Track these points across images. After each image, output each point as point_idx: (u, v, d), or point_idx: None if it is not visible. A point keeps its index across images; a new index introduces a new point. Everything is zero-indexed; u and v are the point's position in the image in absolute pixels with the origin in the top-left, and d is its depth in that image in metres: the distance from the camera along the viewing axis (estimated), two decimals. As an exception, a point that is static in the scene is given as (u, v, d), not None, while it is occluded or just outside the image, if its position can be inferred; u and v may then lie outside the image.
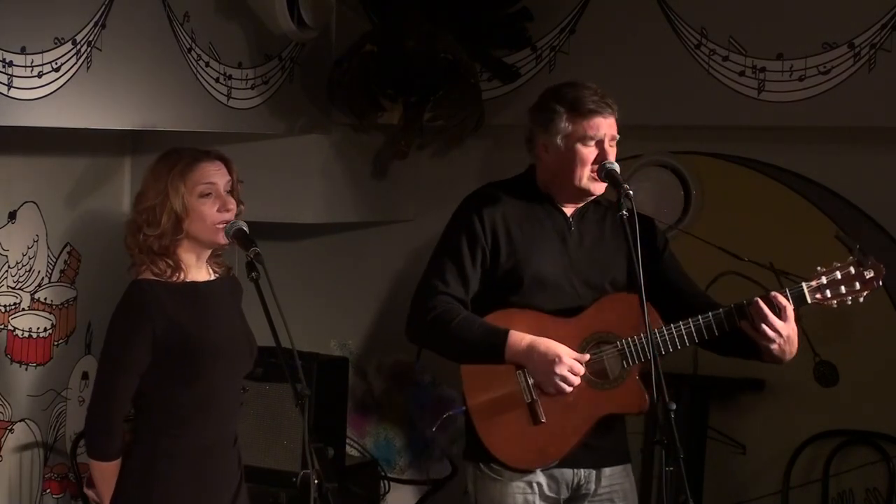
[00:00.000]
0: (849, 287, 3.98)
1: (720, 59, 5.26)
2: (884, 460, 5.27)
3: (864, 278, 3.97)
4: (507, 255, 4.03)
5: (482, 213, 4.04)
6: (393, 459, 5.67)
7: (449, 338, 3.98)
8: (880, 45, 5.03)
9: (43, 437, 5.22)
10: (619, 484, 4.10)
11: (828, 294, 3.98)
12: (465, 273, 4.02)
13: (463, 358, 4.03)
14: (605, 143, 3.99)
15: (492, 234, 4.03)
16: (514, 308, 4.01)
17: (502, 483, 4.04)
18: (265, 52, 5.20)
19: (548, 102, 4.04)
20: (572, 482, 4.07)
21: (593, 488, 4.09)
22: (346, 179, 5.64)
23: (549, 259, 4.03)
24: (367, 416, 5.74)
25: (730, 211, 5.47)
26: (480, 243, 4.02)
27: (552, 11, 5.50)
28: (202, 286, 3.91)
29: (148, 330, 3.78)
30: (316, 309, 5.92)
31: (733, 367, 5.41)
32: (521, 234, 4.04)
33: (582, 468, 4.06)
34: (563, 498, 4.09)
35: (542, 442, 4.01)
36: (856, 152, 5.29)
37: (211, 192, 3.81)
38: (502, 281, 4.04)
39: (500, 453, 4.02)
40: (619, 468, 4.12)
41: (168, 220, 3.80)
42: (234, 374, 3.94)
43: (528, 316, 4.00)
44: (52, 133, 4.78)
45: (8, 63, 4.22)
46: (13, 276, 5.08)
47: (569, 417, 3.99)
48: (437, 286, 4.00)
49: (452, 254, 4.03)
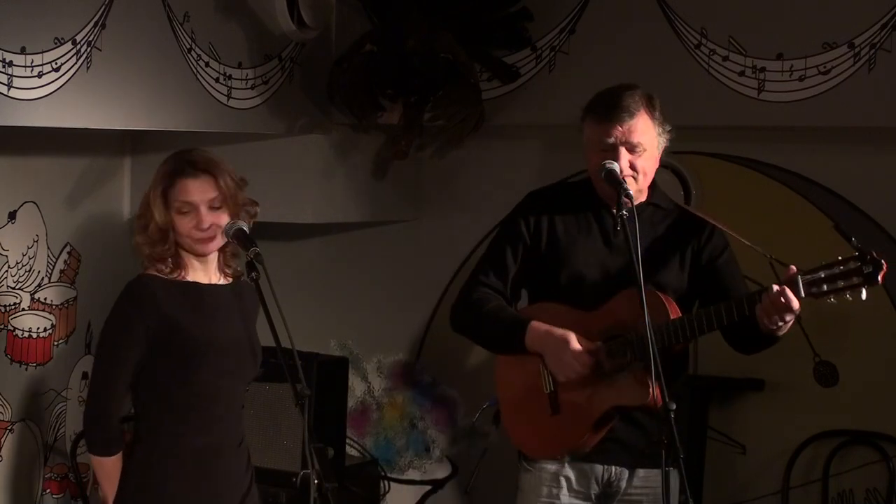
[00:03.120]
0: (846, 282, 3.92)
1: (720, 59, 5.25)
2: (884, 460, 5.27)
3: (862, 273, 3.92)
4: (548, 255, 4.15)
5: (529, 212, 4.18)
6: (393, 459, 5.68)
7: (481, 324, 4.15)
8: (880, 45, 5.03)
9: (43, 437, 5.22)
10: (652, 488, 4.08)
11: (824, 288, 3.93)
12: (505, 268, 4.17)
13: (491, 344, 4.23)
14: (620, 150, 3.99)
15: (535, 234, 4.16)
16: (545, 302, 4.15)
17: (531, 474, 4.17)
18: (265, 52, 5.21)
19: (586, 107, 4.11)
20: (602, 478, 4.13)
21: (624, 487, 4.13)
22: (346, 179, 5.64)
23: (588, 260, 4.12)
24: (367, 416, 5.74)
25: (730, 211, 5.46)
26: (523, 240, 4.16)
27: (552, 11, 5.50)
28: (205, 287, 3.93)
29: (140, 323, 3.81)
30: (316, 309, 5.92)
31: (733, 367, 5.42)
32: (565, 234, 4.14)
33: (614, 465, 4.12)
34: (595, 493, 4.14)
35: (556, 432, 4.10)
36: (856, 152, 5.29)
37: (188, 209, 3.83)
38: (543, 278, 4.17)
39: (520, 443, 4.18)
40: (657, 471, 3.98)
41: (154, 230, 3.85)
42: (234, 377, 3.94)
43: (557, 308, 4.11)
44: (52, 133, 4.78)
45: (8, 63, 4.22)
46: (13, 276, 5.08)
47: (581, 409, 4.07)
48: (479, 278, 4.19)
49: (496, 251, 4.21)
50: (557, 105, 5.34)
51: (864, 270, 3.90)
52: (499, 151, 5.76)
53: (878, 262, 3.88)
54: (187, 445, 3.86)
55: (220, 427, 3.91)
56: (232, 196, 3.86)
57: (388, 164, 5.77)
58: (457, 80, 5.41)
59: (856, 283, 3.91)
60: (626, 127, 3.99)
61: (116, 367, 3.85)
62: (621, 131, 3.99)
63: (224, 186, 3.85)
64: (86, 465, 5.33)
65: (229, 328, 3.92)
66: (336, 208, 5.64)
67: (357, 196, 5.71)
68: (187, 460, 3.86)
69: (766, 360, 5.43)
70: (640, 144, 4.01)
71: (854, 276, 3.91)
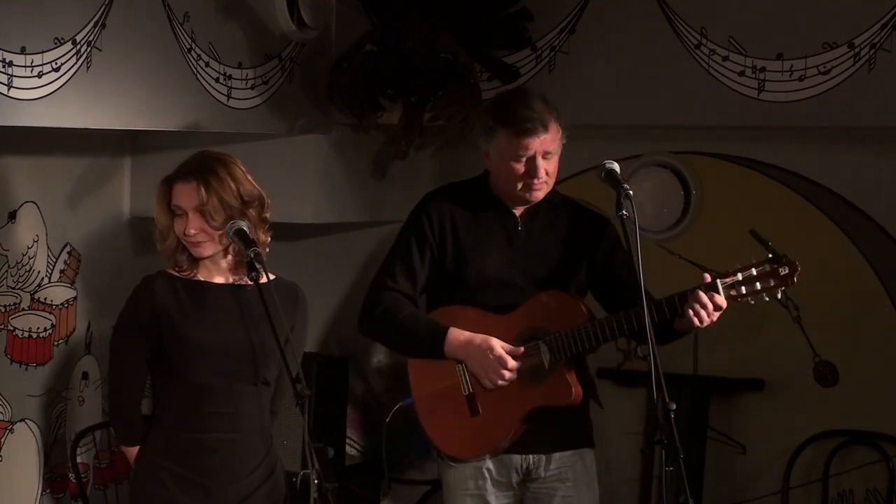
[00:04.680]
0: (764, 284, 4.06)
1: (720, 59, 5.26)
2: (884, 460, 5.27)
3: (778, 275, 4.06)
4: (454, 255, 4.26)
5: (432, 214, 4.29)
6: (393, 459, 5.67)
7: (395, 332, 4.27)
8: (880, 45, 5.03)
9: (43, 437, 5.22)
10: (568, 466, 4.28)
11: (743, 290, 4.07)
12: (413, 271, 4.27)
13: (407, 351, 4.34)
14: (537, 159, 4.17)
15: (440, 235, 4.27)
16: (457, 305, 4.25)
17: (455, 469, 4.30)
18: (265, 52, 5.20)
19: (489, 113, 4.26)
20: (521, 467, 4.28)
21: (543, 473, 4.27)
22: (346, 179, 5.64)
23: (493, 258, 4.25)
24: (367, 416, 5.73)
25: (730, 211, 5.47)
26: (429, 242, 4.27)
27: (552, 11, 5.50)
28: (212, 287, 3.99)
29: (136, 319, 3.98)
30: (316, 309, 5.91)
31: (733, 367, 5.42)
32: (468, 235, 4.26)
33: (531, 454, 4.26)
34: (516, 482, 4.29)
35: (478, 433, 4.24)
36: (856, 152, 5.29)
37: (180, 213, 3.95)
38: (449, 279, 4.28)
39: (441, 443, 4.31)
40: (570, 452, 4.29)
41: (160, 230, 4.00)
42: (233, 376, 3.96)
43: (469, 312, 4.24)
44: (52, 133, 4.78)
45: (8, 63, 4.22)
46: (13, 276, 5.08)
47: (503, 410, 4.20)
48: (387, 283, 4.28)
49: (403, 253, 4.30)
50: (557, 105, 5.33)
51: (781, 273, 4.04)
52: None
53: (793, 263, 4.03)
54: (178, 440, 3.96)
55: (213, 424, 3.96)
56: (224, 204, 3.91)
57: (388, 164, 5.77)
58: (457, 80, 5.40)
59: (773, 285, 4.07)
60: (542, 138, 4.16)
61: (122, 361, 4.04)
62: (538, 142, 4.16)
63: (215, 194, 3.91)
64: (86, 465, 5.33)
65: (229, 328, 3.95)
66: (336, 208, 5.64)
67: (357, 196, 5.71)
68: (177, 454, 3.96)
69: (765, 360, 5.45)
70: (552, 151, 4.19)
71: (771, 279, 4.06)
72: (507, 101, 4.26)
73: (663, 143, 5.52)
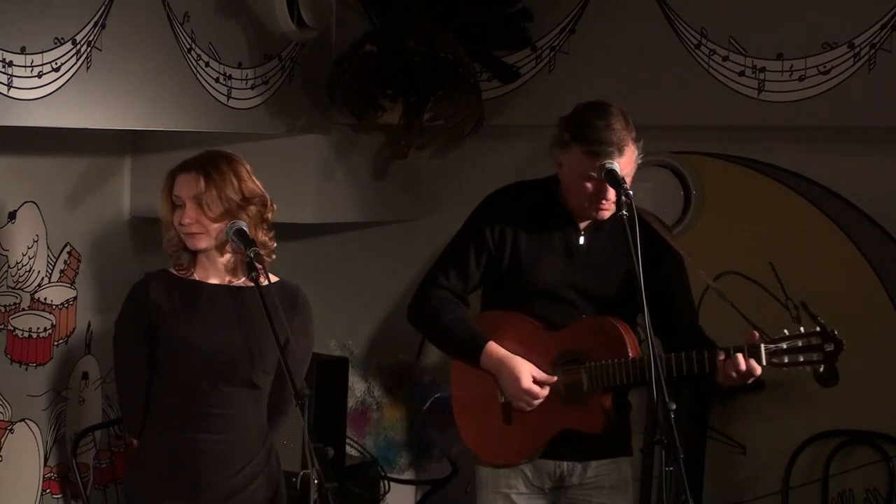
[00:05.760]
0: (807, 357, 4.01)
1: (720, 59, 5.25)
2: (884, 460, 5.27)
3: (823, 350, 3.99)
4: (510, 263, 4.23)
5: (494, 217, 4.25)
6: (393, 459, 5.67)
7: (438, 331, 4.30)
8: (880, 45, 5.03)
9: (43, 437, 5.22)
10: (605, 475, 4.25)
11: (785, 360, 4.02)
12: (466, 272, 4.26)
13: (447, 352, 4.38)
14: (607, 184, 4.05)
15: (499, 241, 4.23)
16: (510, 311, 4.23)
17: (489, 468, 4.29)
18: (265, 52, 5.20)
19: (569, 126, 4.14)
20: (554, 473, 4.25)
21: (578, 480, 4.25)
22: (346, 179, 5.64)
23: (547, 272, 4.20)
24: (367, 416, 5.73)
25: (730, 211, 5.47)
26: (487, 247, 4.24)
27: (552, 11, 5.50)
28: (207, 287, 3.99)
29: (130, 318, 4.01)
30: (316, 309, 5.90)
31: (733, 367, 5.41)
32: (527, 244, 4.21)
33: (565, 461, 4.23)
34: (548, 487, 4.27)
35: (508, 442, 4.23)
36: (856, 152, 5.29)
37: (179, 203, 3.97)
38: (501, 283, 4.26)
39: (472, 445, 4.30)
40: (608, 461, 4.26)
41: (163, 223, 4.03)
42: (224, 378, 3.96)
43: (516, 321, 4.22)
44: (52, 133, 4.78)
45: (8, 63, 4.21)
46: (13, 276, 5.07)
47: (535, 424, 4.19)
48: (440, 279, 4.27)
49: (459, 253, 4.27)
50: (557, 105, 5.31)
51: (826, 349, 3.99)
52: (499, 151, 5.76)
53: (839, 342, 3.97)
54: (169, 439, 3.98)
55: (204, 425, 3.96)
56: (223, 197, 3.91)
57: (388, 164, 5.77)
58: (457, 80, 5.41)
59: (815, 360, 4.01)
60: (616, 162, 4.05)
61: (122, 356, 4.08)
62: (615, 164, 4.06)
63: (214, 186, 3.91)
64: (86, 465, 5.33)
65: (221, 329, 3.95)
66: (336, 208, 5.64)
67: (357, 196, 5.71)
68: (168, 454, 3.98)
69: (766, 360, 5.44)
70: (625, 174, 4.07)
71: (815, 353, 4.00)
72: (586, 116, 4.12)
73: (663, 143, 5.52)
